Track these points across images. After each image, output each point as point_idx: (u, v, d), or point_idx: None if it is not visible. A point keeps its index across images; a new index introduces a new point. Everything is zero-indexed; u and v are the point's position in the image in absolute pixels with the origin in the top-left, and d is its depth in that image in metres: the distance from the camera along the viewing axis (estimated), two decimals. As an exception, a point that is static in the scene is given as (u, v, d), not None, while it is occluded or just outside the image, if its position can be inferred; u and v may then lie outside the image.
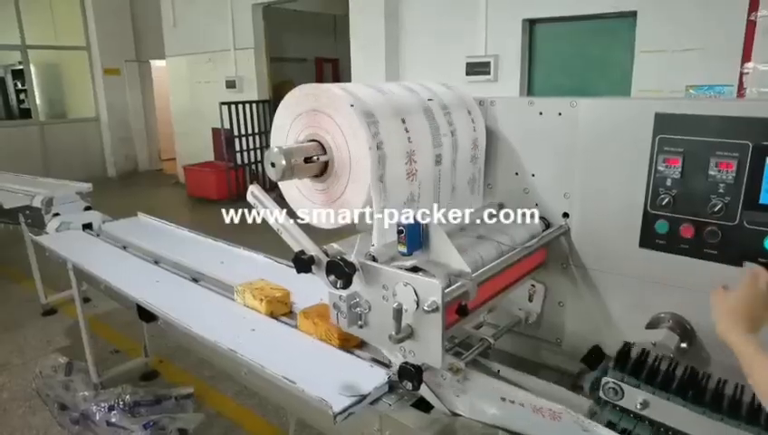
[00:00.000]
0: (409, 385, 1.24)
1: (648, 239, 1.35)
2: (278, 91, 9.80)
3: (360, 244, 1.15)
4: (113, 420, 3.09)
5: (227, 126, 8.78)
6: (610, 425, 1.13)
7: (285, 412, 2.93)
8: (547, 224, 1.52)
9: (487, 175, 1.60)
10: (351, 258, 1.07)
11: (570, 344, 1.57)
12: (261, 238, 2.28)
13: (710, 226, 1.25)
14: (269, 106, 9.30)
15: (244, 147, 9.03)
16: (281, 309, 1.93)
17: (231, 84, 9.28)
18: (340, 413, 1.34)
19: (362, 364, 1.58)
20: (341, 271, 1.04)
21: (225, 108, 8.68)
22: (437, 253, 1.09)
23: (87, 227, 3.27)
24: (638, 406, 1.08)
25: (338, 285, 1.06)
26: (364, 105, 1.17)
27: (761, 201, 1.19)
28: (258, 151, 9.13)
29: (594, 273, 1.47)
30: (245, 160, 9.07)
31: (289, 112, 1.23)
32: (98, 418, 3.10)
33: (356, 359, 1.60)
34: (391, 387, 1.48)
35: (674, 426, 1.05)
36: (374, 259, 1.12)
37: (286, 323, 1.88)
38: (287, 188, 1.31)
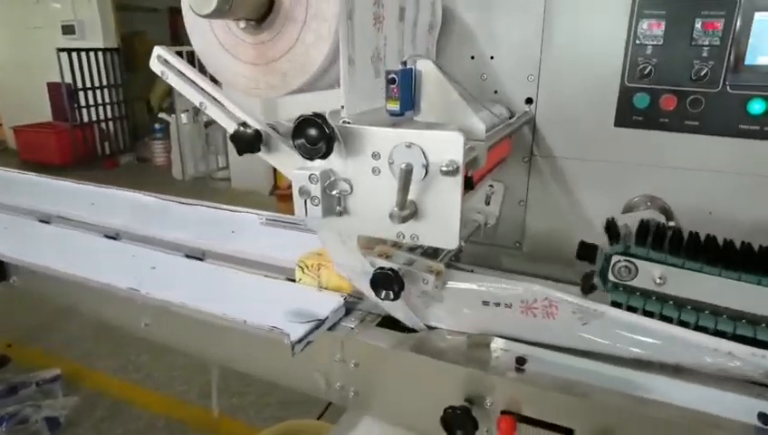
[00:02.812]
0: (390, 294, 1.01)
1: (626, 116, 1.24)
2: (128, 44, 8.64)
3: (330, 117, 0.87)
4: (-49, 420, 2.46)
5: (69, 79, 7.55)
6: (616, 305, 1.01)
7: (206, 375, 2.55)
8: (509, 113, 1.35)
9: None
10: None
11: (530, 245, 1.45)
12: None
13: (693, 94, 1.17)
14: (119, 55, 8.16)
15: (91, 102, 7.85)
16: None
17: (69, 30, 7.95)
18: (299, 342, 1.07)
19: (308, 290, 1.31)
20: (320, 132, 0.76)
21: (64, 57, 7.42)
22: (438, 109, 0.85)
23: None
24: (658, 281, 0.96)
25: (313, 154, 0.78)
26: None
27: (746, 63, 1.12)
28: (108, 107, 8.01)
29: (562, 161, 1.34)
30: (94, 118, 7.92)
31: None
32: (-73, 421, 2.45)
33: (300, 286, 1.33)
34: (348, 310, 1.24)
35: (697, 298, 0.95)
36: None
37: (195, 258, 1.53)
38: (205, 44, 0.97)
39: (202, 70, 1.06)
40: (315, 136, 0.77)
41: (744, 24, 1.10)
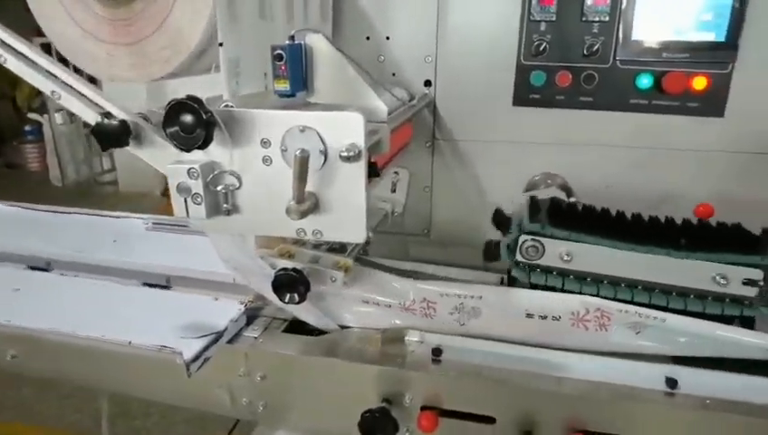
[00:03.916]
0: (295, 297, 0.91)
1: (523, 95, 1.23)
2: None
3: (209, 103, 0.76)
4: None
5: None
6: (534, 287, 0.99)
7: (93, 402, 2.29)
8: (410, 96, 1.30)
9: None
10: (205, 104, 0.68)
11: (438, 232, 1.42)
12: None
13: (586, 70, 1.18)
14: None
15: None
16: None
17: None
18: (194, 361, 0.95)
19: (202, 300, 1.18)
20: (196, 117, 0.65)
21: None
22: (334, 89, 0.76)
23: None
24: (565, 257, 0.95)
25: (190, 144, 0.66)
26: None
27: (633, 38, 1.14)
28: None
29: (464, 144, 1.32)
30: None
31: None
32: None
33: (192, 296, 1.20)
34: (250, 318, 1.13)
35: (606, 272, 0.95)
36: (233, 113, 0.74)
37: (69, 274, 1.34)
38: (57, 26, 0.82)
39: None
40: (191, 123, 0.65)
41: (629, 0, 1.13)
